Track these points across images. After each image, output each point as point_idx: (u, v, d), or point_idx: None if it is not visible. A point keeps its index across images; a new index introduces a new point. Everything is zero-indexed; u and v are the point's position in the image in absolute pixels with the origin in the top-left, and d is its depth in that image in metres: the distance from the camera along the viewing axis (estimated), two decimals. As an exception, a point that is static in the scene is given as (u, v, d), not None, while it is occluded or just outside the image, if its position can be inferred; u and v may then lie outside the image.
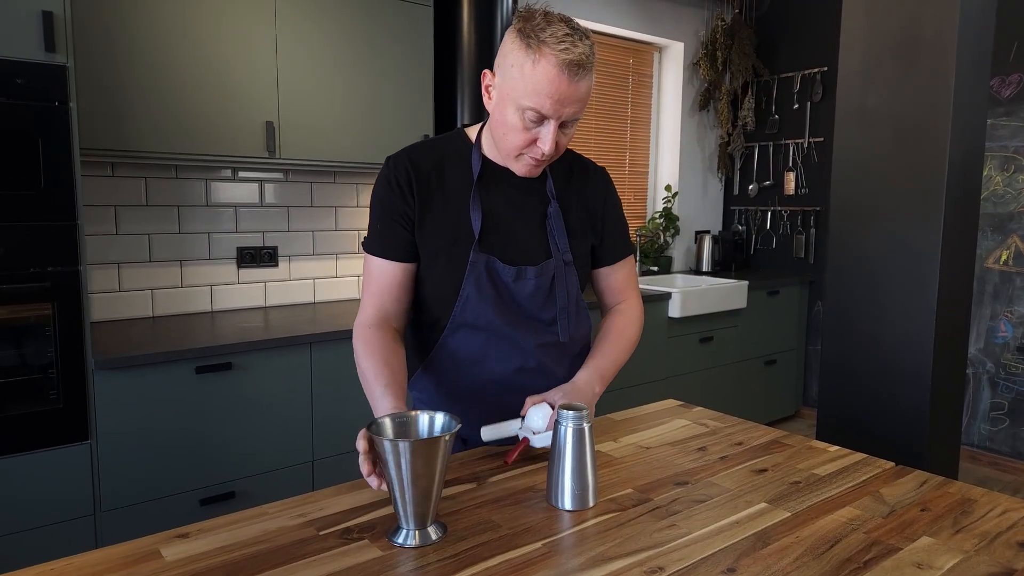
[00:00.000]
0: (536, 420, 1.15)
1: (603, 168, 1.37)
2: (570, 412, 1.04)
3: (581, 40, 1.08)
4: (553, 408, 1.15)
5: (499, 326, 1.23)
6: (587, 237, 1.31)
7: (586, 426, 1.04)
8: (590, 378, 1.24)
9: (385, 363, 1.16)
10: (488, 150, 1.25)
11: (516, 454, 1.18)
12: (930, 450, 2.01)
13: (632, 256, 1.40)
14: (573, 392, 1.19)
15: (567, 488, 1.03)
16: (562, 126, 1.13)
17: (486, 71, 1.18)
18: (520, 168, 1.19)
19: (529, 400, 1.18)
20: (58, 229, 1.84)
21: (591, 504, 1.05)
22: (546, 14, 1.09)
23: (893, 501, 1.09)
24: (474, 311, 1.22)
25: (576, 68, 1.06)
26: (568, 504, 1.03)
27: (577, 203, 1.30)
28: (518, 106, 1.10)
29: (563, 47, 1.05)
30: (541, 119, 1.10)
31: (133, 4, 2.10)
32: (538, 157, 1.15)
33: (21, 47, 1.75)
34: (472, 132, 1.27)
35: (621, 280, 1.37)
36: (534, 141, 1.13)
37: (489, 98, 1.17)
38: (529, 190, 1.26)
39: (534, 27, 1.07)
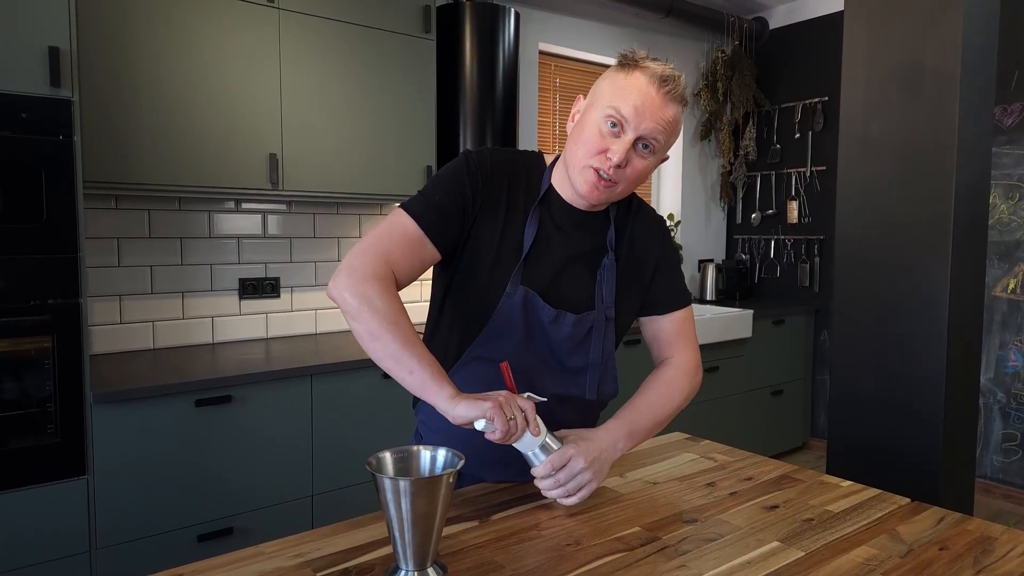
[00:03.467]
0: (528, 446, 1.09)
1: (662, 217, 1.33)
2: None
3: (678, 75, 1.12)
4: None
5: (517, 364, 1.16)
6: (635, 293, 1.26)
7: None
8: (614, 434, 1.16)
9: (413, 332, 1.06)
10: (557, 181, 1.20)
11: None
12: (945, 483, 1.97)
13: (689, 308, 1.32)
14: (589, 444, 1.11)
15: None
16: (638, 147, 1.11)
17: (579, 96, 1.19)
18: (583, 184, 1.13)
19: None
20: (59, 262, 1.83)
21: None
22: (647, 55, 1.14)
23: (910, 540, 1.05)
24: (496, 343, 1.17)
25: (666, 82, 1.09)
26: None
27: (631, 257, 1.25)
28: (601, 112, 1.10)
29: (657, 65, 1.11)
30: (619, 127, 1.10)
31: (138, 39, 2.13)
32: (605, 168, 1.10)
33: (27, 82, 1.77)
34: (548, 158, 1.25)
35: (672, 331, 1.29)
36: (605, 151, 1.10)
37: (572, 121, 1.18)
38: (588, 234, 1.21)
39: (634, 56, 1.12)
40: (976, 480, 3.48)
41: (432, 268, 1.24)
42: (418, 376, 1.03)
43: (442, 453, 0.96)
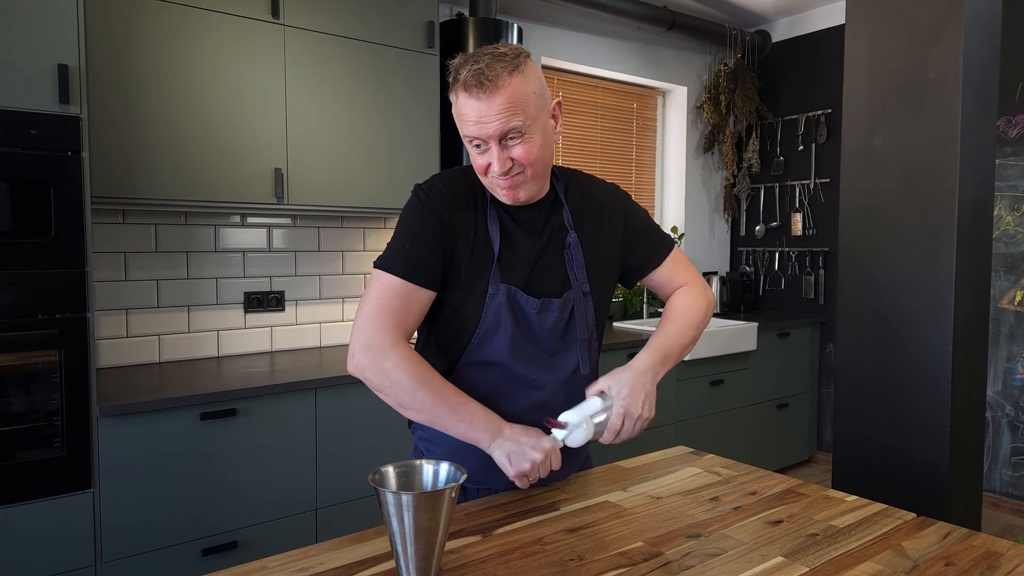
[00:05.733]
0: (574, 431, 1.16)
1: (614, 184, 1.38)
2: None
3: (483, 58, 1.10)
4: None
5: (513, 363, 1.20)
6: (609, 264, 1.31)
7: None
8: (650, 361, 1.23)
9: (437, 386, 1.16)
10: None
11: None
12: (951, 497, 1.95)
13: (676, 248, 1.39)
14: (632, 398, 1.17)
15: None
16: (508, 141, 1.13)
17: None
18: (502, 196, 1.19)
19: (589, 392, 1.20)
20: (67, 276, 1.85)
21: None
22: (464, 55, 1.14)
23: (916, 555, 1.05)
24: (489, 346, 1.20)
25: (475, 86, 1.09)
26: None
27: (595, 230, 1.29)
28: (466, 143, 1.16)
29: (464, 73, 1.10)
30: (482, 143, 1.14)
31: (145, 56, 2.15)
32: (496, 178, 1.16)
33: (36, 99, 1.79)
34: None
35: (670, 272, 1.37)
36: (488, 166, 1.16)
37: None
38: (546, 219, 1.26)
39: (454, 69, 1.13)
40: (985, 495, 3.45)
41: None
42: (459, 431, 1.14)
43: (445, 467, 0.96)
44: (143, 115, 2.15)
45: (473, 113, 1.11)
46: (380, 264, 1.18)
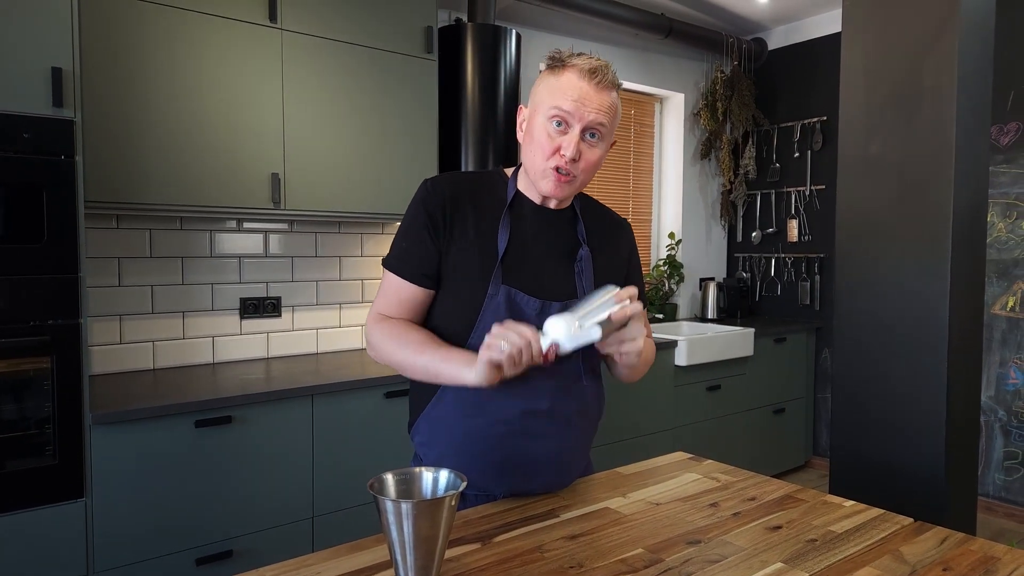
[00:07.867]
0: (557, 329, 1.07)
1: (628, 221, 1.42)
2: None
3: (603, 63, 1.17)
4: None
5: None
6: (613, 282, 1.30)
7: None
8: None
9: (419, 329, 1.21)
10: (522, 186, 1.27)
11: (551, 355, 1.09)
12: (947, 501, 1.96)
13: (645, 310, 1.39)
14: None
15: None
16: (588, 136, 1.17)
17: (521, 106, 1.26)
18: (548, 185, 1.20)
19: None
20: (60, 282, 1.83)
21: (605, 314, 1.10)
22: (572, 52, 1.20)
23: (914, 560, 1.05)
24: None
25: (596, 74, 1.15)
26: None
27: (604, 252, 1.31)
28: (544, 116, 1.17)
29: (584, 60, 1.16)
30: (564, 124, 1.16)
31: (140, 59, 2.15)
32: (563, 165, 1.17)
33: (30, 102, 1.78)
34: (508, 171, 1.32)
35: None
36: (558, 149, 1.16)
37: (521, 130, 1.24)
38: (561, 230, 1.28)
39: (561, 56, 1.18)
40: (978, 499, 3.46)
41: None
42: (444, 376, 1.15)
43: (444, 475, 0.96)
44: (138, 119, 2.15)
45: (579, 92, 1.15)
46: (383, 261, 1.26)
